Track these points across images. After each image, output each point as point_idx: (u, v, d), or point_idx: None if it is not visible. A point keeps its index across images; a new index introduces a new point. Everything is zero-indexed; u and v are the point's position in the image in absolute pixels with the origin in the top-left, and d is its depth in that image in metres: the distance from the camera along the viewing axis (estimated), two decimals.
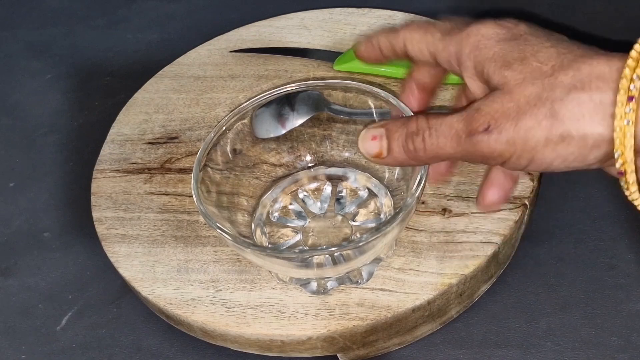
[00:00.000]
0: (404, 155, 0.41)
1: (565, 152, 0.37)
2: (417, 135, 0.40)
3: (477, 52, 0.40)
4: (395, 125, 0.41)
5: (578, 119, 0.36)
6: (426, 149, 0.40)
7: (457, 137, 0.39)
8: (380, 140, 0.42)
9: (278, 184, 0.54)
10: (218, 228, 0.46)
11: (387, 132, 0.42)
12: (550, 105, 0.36)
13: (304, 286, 0.49)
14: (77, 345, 0.53)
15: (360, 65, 0.62)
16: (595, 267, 0.52)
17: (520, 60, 0.38)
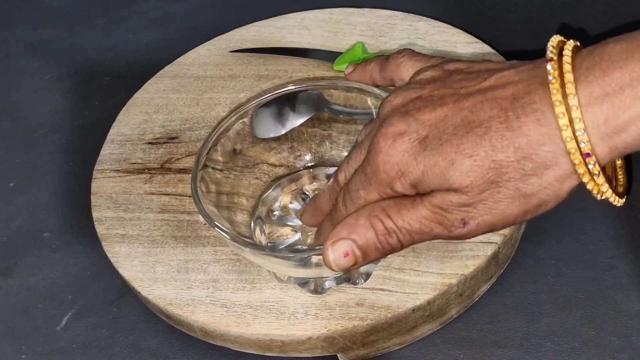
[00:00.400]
0: (380, 255, 0.41)
1: (545, 208, 0.38)
2: (390, 236, 0.40)
3: (404, 174, 0.39)
4: (360, 233, 0.41)
5: (539, 175, 0.37)
6: (403, 245, 0.41)
7: (436, 236, 0.40)
8: (353, 253, 0.41)
9: (278, 183, 0.54)
10: (217, 227, 0.46)
11: (357, 243, 0.41)
12: (512, 187, 0.37)
13: (302, 285, 0.49)
14: (77, 345, 0.53)
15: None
16: (595, 267, 0.52)
17: (452, 164, 0.37)
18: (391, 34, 0.65)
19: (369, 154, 0.40)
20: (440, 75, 0.42)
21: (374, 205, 0.40)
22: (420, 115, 0.39)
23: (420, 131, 0.39)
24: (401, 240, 0.40)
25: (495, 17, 0.72)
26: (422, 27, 0.66)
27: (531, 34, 0.69)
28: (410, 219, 0.39)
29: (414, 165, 0.38)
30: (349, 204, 0.42)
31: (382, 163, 0.39)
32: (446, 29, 0.65)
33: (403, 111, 0.40)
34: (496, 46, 0.63)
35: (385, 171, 0.39)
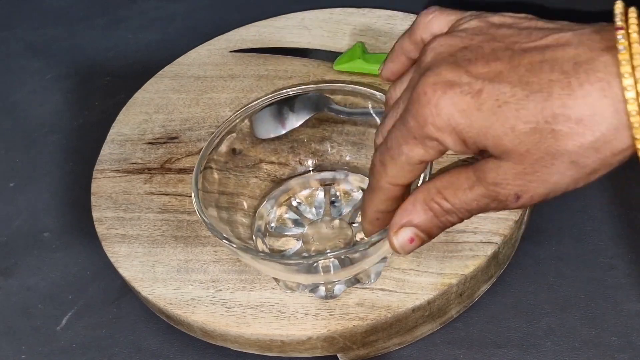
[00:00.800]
0: (443, 230, 0.40)
1: (595, 176, 0.37)
2: (450, 215, 0.39)
3: (455, 130, 0.37)
4: (420, 217, 0.40)
5: (597, 149, 0.35)
6: (463, 219, 0.40)
7: (492, 209, 0.38)
8: (417, 237, 0.40)
9: (271, 196, 0.54)
10: (224, 239, 0.46)
11: (420, 228, 0.40)
12: (567, 159, 0.35)
13: (313, 292, 0.49)
14: (77, 345, 0.53)
15: (360, 65, 0.62)
16: (595, 267, 0.52)
17: (511, 129, 0.35)
18: (391, 34, 0.65)
19: (412, 105, 0.37)
20: (487, 27, 0.39)
21: (429, 187, 0.39)
22: (472, 67, 0.36)
23: (473, 85, 0.36)
24: (460, 217, 0.39)
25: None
26: None
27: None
28: (466, 199, 0.38)
29: (467, 123, 0.36)
30: (389, 163, 0.39)
31: (431, 115, 0.36)
32: None
33: (451, 61, 0.37)
34: None
35: (434, 124, 0.37)
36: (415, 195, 0.40)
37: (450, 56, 0.38)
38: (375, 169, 0.40)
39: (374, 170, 0.40)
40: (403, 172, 0.39)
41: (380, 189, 0.40)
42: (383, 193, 0.41)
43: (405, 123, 0.38)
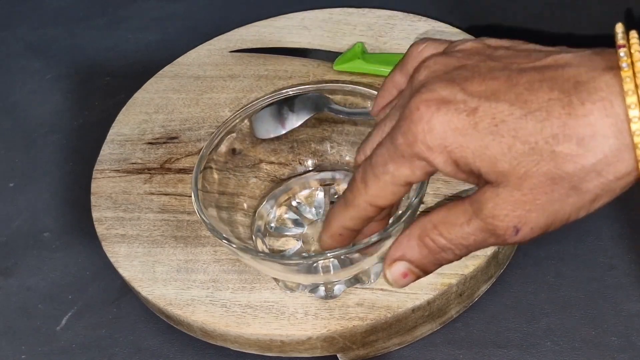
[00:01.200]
0: (439, 267, 0.39)
1: (598, 204, 0.35)
2: (445, 252, 0.38)
3: (447, 149, 0.35)
4: (415, 253, 0.38)
5: (599, 171, 0.34)
6: (460, 257, 0.38)
7: (491, 244, 0.37)
8: (411, 272, 0.39)
9: (271, 195, 0.54)
10: (224, 239, 0.46)
11: (414, 264, 0.39)
12: (567, 183, 0.34)
13: (313, 292, 0.49)
14: (77, 345, 0.53)
15: (359, 65, 0.62)
16: (595, 267, 0.52)
17: (508, 149, 0.34)
18: (391, 34, 0.65)
19: (403, 122, 0.36)
20: (484, 48, 0.38)
21: (425, 221, 0.38)
22: (467, 85, 0.35)
23: (468, 103, 0.34)
24: (457, 254, 0.38)
25: (495, 17, 0.72)
26: (422, 27, 0.66)
27: (531, 35, 0.69)
28: (463, 234, 0.37)
29: (461, 142, 0.34)
30: (372, 181, 0.38)
31: (422, 132, 0.35)
32: (446, 29, 0.65)
33: (446, 78, 0.36)
34: None
35: (425, 142, 0.35)
36: (411, 229, 0.38)
37: (446, 74, 0.36)
38: (355, 186, 0.39)
39: (352, 186, 0.39)
40: (385, 193, 0.38)
41: (356, 206, 0.39)
42: (356, 211, 0.39)
43: (393, 140, 0.36)
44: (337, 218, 0.41)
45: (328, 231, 0.42)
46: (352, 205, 0.39)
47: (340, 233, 0.41)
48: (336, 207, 0.41)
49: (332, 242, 0.42)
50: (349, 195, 0.39)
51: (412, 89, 0.37)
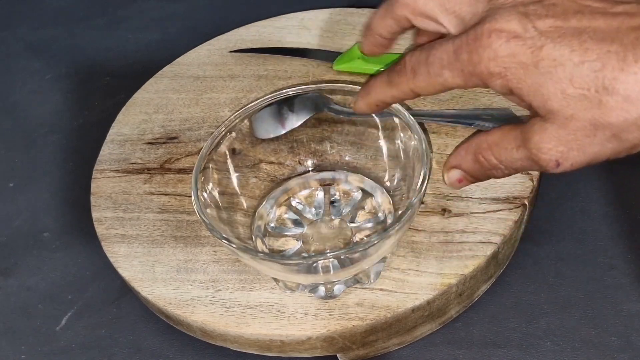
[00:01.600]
0: (489, 178, 0.43)
1: (636, 150, 0.38)
2: (495, 169, 0.42)
3: (506, 78, 0.38)
4: (470, 165, 0.43)
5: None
6: (507, 175, 0.42)
7: (532, 169, 0.41)
8: (465, 179, 0.44)
9: (270, 196, 0.54)
10: (224, 239, 0.46)
11: (468, 173, 0.44)
12: (609, 132, 0.36)
13: (312, 292, 0.49)
14: (77, 345, 0.53)
15: (359, 65, 0.62)
16: (595, 267, 0.52)
17: (561, 91, 0.37)
18: None
19: (472, 41, 0.38)
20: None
21: (482, 140, 0.41)
22: (540, 22, 0.37)
23: (536, 40, 0.37)
24: (505, 172, 0.42)
25: None
26: None
27: None
28: (512, 158, 0.40)
29: (521, 75, 0.37)
30: (422, 75, 0.41)
31: (487, 57, 0.38)
32: None
33: (522, 11, 0.38)
34: None
35: (487, 67, 0.38)
36: (469, 143, 0.43)
37: (522, 5, 0.38)
38: (403, 71, 0.42)
39: (400, 70, 0.42)
40: (429, 88, 0.41)
41: (399, 88, 0.42)
42: (398, 92, 0.43)
43: (457, 53, 0.39)
44: (377, 91, 0.44)
45: (365, 99, 0.45)
46: (395, 85, 0.43)
47: (377, 104, 0.45)
48: (378, 81, 0.44)
49: (367, 110, 0.46)
50: (395, 76, 0.43)
51: (488, 9, 0.40)
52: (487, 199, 0.52)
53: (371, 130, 0.53)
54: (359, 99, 0.46)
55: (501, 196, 0.52)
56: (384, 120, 0.52)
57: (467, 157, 0.43)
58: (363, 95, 0.45)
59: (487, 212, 0.51)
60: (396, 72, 0.42)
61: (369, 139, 0.53)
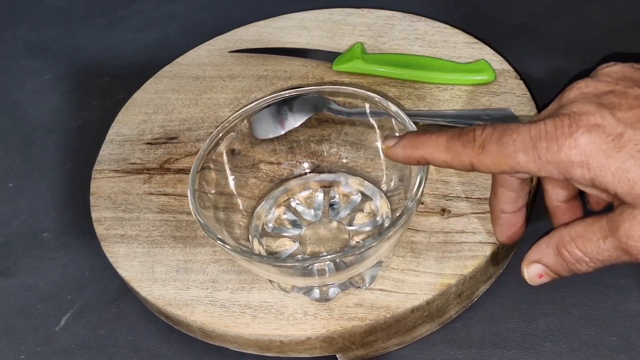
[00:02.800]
0: (573, 274, 0.42)
1: None
2: (580, 264, 0.41)
3: (588, 167, 0.38)
4: (551, 260, 0.42)
5: None
6: (593, 269, 0.41)
7: (623, 262, 0.39)
8: (546, 274, 0.43)
9: (270, 196, 0.54)
10: (218, 240, 0.46)
11: (549, 268, 0.42)
12: None
13: (307, 294, 0.49)
14: (76, 345, 0.53)
15: (359, 66, 0.62)
16: None
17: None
18: (390, 34, 0.65)
19: (551, 129, 0.38)
20: (631, 73, 0.40)
21: (563, 233, 0.41)
22: (616, 111, 0.38)
23: (615, 128, 0.37)
24: (590, 266, 0.40)
25: (495, 17, 0.72)
26: (421, 28, 0.66)
27: (530, 35, 0.69)
28: (597, 249, 0.39)
29: (603, 162, 0.37)
30: (491, 153, 0.40)
31: (568, 145, 0.37)
32: (445, 29, 0.65)
33: (597, 102, 0.38)
34: (495, 47, 0.63)
35: (568, 155, 0.38)
36: (551, 236, 0.41)
37: (596, 97, 0.39)
38: (469, 142, 0.40)
39: (466, 141, 0.40)
40: (492, 168, 0.40)
41: (456, 158, 0.41)
42: (452, 160, 0.41)
43: (535, 140, 0.38)
44: (427, 150, 0.42)
45: (407, 151, 0.43)
46: (455, 153, 0.41)
47: (419, 161, 0.43)
48: (432, 140, 0.42)
49: (401, 160, 0.44)
50: (458, 145, 0.41)
51: (560, 104, 0.40)
52: (486, 200, 0.52)
53: (370, 131, 0.53)
54: (399, 147, 0.44)
55: None
56: (382, 121, 0.52)
57: (548, 251, 0.42)
58: (406, 145, 0.43)
59: (486, 212, 0.51)
60: (460, 141, 0.41)
61: (368, 139, 0.53)
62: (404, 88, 0.61)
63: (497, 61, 0.62)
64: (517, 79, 0.60)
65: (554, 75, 0.64)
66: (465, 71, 0.60)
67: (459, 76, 0.60)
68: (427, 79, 0.61)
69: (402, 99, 0.60)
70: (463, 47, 0.63)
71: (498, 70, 0.61)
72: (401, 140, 0.44)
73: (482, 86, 0.60)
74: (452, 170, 0.54)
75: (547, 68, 0.66)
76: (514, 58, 0.63)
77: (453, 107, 0.59)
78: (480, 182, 0.53)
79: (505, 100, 0.58)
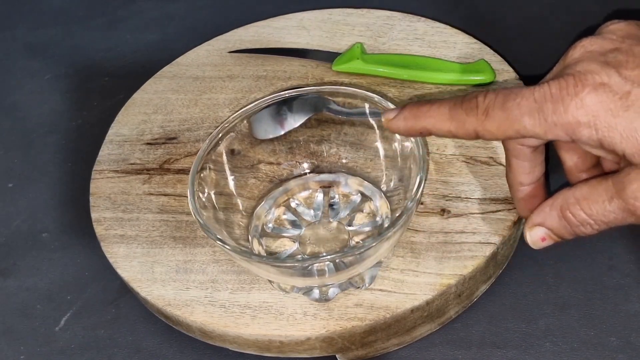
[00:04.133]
0: (576, 237, 0.41)
1: None
2: (584, 226, 0.40)
3: (595, 127, 0.37)
4: (554, 222, 0.41)
5: None
6: (597, 231, 0.40)
7: (629, 223, 0.39)
8: (549, 237, 0.42)
9: (269, 196, 0.54)
10: (218, 240, 0.46)
11: (552, 231, 0.42)
12: None
13: (307, 294, 0.49)
14: (76, 345, 0.53)
15: (358, 66, 0.62)
16: (595, 267, 0.52)
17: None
18: (390, 35, 0.65)
19: (556, 91, 0.37)
20: (636, 31, 0.39)
21: (568, 194, 0.40)
22: (622, 69, 0.37)
23: (622, 87, 0.36)
24: (595, 228, 0.40)
25: (494, 17, 0.72)
26: (420, 28, 0.66)
27: (530, 34, 0.69)
28: (603, 211, 0.39)
29: (611, 122, 0.36)
30: (495, 118, 0.39)
31: (575, 106, 0.37)
32: (445, 29, 0.65)
33: (602, 60, 0.37)
34: (495, 47, 0.63)
35: (575, 116, 0.37)
36: (554, 199, 0.40)
37: (601, 55, 0.38)
38: (472, 109, 0.39)
39: (468, 108, 0.40)
40: (498, 134, 0.39)
41: (461, 126, 0.40)
42: (457, 129, 0.40)
43: (540, 102, 0.37)
44: (429, 120, 0.41)
45: (409, 122, 0.42)
46: (458, 121, 0.40)
47: (421, 132, 0.42)
48: (434, 109, 0.41)
49: (403, 132, 0.43)
50: (461, 113, 0.40)
51: (565, 64, 0.39)
52: (486, 200, 0.52)
53: (370, 131, 0.53)
54: (400, 119, 0.42)
55: (500, 197, 0.52)
56: (381, 120, 0.52)
57: (552, 214, 0.41)
58: (407, 116, 0.42)
59: (486, 212, 0.51)
60: (463, 109, 0.40)
61: (368, 140, 0.53)
62: (403, 88, 0.61)
63: (497, 61, 0.62)
64: (517, 79, 0.60)
65: None
66: (465, 71, 0.60)
67: (458, 76, 0.60)
68: (427, 79, 0.61)
69: (401, 100, 0.60)
70: (463, 47, 0.63)
71: (498, 70, 0.61)
72: (402, 111, 0.43)
73: (482, 86, 0.60)
74: (452, 170, 0.54)
75: (547, 68, 0.65)
76: (514, 58, 0.63)
77: None
78: (481, 182, 0.53)
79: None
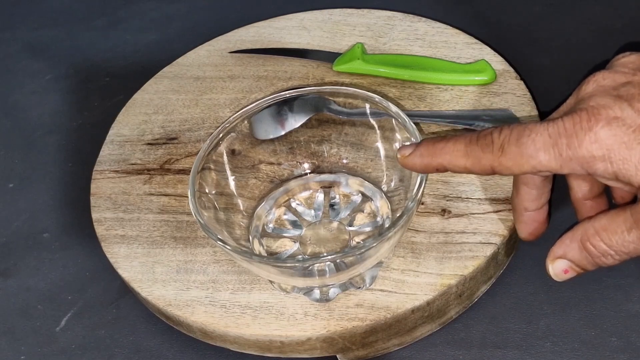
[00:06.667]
0: (598, 267, 0.42)
1: None
2: (605, 257, 0.40)
3: (610, 160, 0.37)
4: (575, 254, 0.42)
5: None
6: (619, 262, 0.40)
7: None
8: (571, 269, 0.43)
9: (270, 197, 0.54)
10: (218, 240, 0.46)
11: (574, 263, 0.42)
12: None
13: (307, 294, 0.49)
14: (77, 346, 0.53)
15: (359, 66, 0.62)
16: None
17: None
18: (390, 35, 0.65)
19: (570, 126, 0.38)
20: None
21: (587, 226, 0.40)
22: (634, 102, 0.37)
23: (635, 119, 0.37)
24: (616, 259, 0.40)
25: (495, 17, 0.72)
26: (421, 28, 0.66)
27: (530, 35, 0.69)
28: (623, 242, 0.39)
29: (626, 155, 0.37)
30: (511, 154, 0.39)
31: (589, 141, 0.37)
32: (445, 29, 0.65)
33: (615, 94, 0.38)
34: (495, 47, 0.63)
35: (589, 150, 0.37)
36: (574, 231, 0.41)
37: (613, 89, 0.38)
38: (490, 145, 0.40)
39: (486, 144, 0.40)
40: (514, 169, 0.39)
41: (476, 162, 0.40)
42: (472, 165, 0.40)
43: (555, 137, 0.38)
44: (445, 157, 0.41)
45: (425, 159, 0.42)
46: (474, 158, 0.40)
47: (437, 168, 0.42)
48: (449, 146, 0.41)
49: (419, 169, 0.43)
50: (477, 149, 0.40)
51: (578, 99, 0.39)
52: (486, 200, 0.52)
53: (370, 132, 0.53)
54: (416, 156, 0.43)
55: (501, 197, 0.52)
56: (382, 121, 0.52)
57: (572, 245, 0.41)
58: (424, 154, 0.43)
59: (486, 212, 0.51)
60: (479, 145, 0.40)
61: (369, 140, 0.53)
62: (404, 88, 0.61)
63: (497, 61, 0.62)
64: (517, 79, 0.60)
65: (554, 76, 0.64)
66: (465, 71, 0.60)
67: (459, 76, 0.60)
68: (428, 80, 0.61)
69: (402, 100, 0.60)
70: (463, 47, 0.63)
71: (498, 70, 0.61)
72: (418, 149, 0.43)
73: (483, 86, 0.60)
74: None
75: (547, 68, 0.66)
76: (514, 58, 0.63)
77: (453, 107, 0.59)
78: (481, 182, 0.53)
79: (506, 100, 0.58)
